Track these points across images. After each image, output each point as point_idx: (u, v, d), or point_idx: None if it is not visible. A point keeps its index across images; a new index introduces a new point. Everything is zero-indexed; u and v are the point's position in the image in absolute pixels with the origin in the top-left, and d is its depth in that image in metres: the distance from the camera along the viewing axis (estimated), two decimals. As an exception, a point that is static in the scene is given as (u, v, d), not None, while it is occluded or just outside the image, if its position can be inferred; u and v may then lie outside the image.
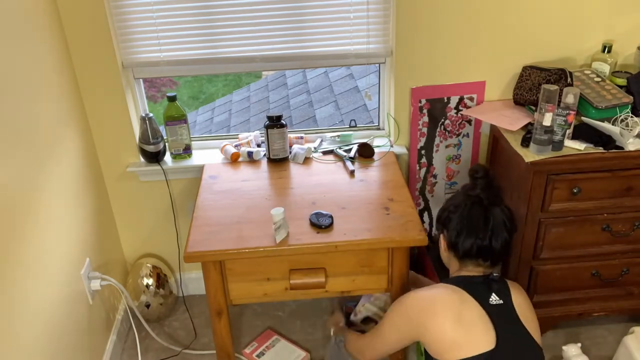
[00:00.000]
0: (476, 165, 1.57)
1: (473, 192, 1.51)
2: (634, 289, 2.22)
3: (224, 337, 1.89)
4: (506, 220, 1.47)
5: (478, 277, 1.49)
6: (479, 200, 1.49)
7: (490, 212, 1.47)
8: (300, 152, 2.20)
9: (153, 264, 2.44)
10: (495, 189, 1.51)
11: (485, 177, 1.51)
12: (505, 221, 1.47)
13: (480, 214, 1.47)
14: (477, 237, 1.47)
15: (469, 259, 1.51)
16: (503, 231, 1.47)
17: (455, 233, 1.50)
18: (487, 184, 1.51)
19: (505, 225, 1.47)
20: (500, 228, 1.46)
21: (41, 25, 1.86)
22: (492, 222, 1.46)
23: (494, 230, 1.46)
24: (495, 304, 1.42)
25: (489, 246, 1.47)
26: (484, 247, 1.47)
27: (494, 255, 1.48)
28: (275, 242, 1.73)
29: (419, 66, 2.19)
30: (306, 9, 2.08)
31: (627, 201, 2.01)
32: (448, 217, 1.53)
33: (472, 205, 1.49)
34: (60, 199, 1.90)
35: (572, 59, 2.22)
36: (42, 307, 1.72)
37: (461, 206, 1.50)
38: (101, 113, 2.19)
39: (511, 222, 1.49)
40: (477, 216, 1.47)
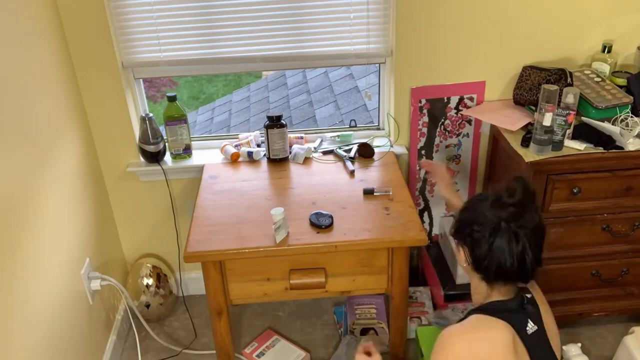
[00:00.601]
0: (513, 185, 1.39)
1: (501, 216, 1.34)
2: (634, 289, 2.22)
3: (224, 337, 1.89)
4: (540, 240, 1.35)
5: (512, 301, 1.37)
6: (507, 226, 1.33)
7: (523, 234, 1.32)
8: (300, 152, 2.20)
9: (153, 264, 2.44)
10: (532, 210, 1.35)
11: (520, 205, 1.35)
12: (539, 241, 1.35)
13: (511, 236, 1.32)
14: (507, 260, 1.33)
15: (497, 281, 1.37)
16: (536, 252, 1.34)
17: (482, 256, 1.35)
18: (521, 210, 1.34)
19: (539, 245, 1.34)
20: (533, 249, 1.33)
21: (41, 25, 1.86)
22: (522, 244, 1.32)
23: (526, 253, 1.32)
24: (532, 333, 1.34)
25: (520, 269, 1.33)
26: (514, 271, 1.34)
27: (523, 276, 1.36)
28: (275, 242, 1.73)
29: (419, 66, 2.19)
30: (306, 9, 2.07)
31: (627, 201, 2.01)
32: (472, 235, 1.37)
33: (501, 229, 1.33)
34: (60, 198, 1.90)
35: (572, 59, 2.22)
36: (42, 307, 1.72)
37: (487, 226, 1.34)
38: (101, 113, 2.19)
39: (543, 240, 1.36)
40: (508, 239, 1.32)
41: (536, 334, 1.34)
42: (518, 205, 1.35)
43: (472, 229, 1.37)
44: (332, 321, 2.46)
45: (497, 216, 1.34)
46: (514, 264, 1.33)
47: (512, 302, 1.37)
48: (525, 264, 1.33)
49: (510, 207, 1.34)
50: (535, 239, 1.34)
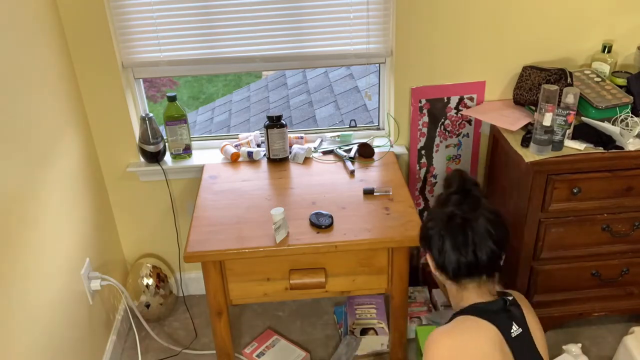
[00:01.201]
0: (450, 175, 1.44)
1: (446, 208, 1.38)
2: (634, 289, 2.22)
3: (224, 337, 1.89)
4: (491, 229, 1.34)
5: (494, 303, 1.37)
6: (453, 216, 1.36)
7: (469, 224, 1.34)
8: (300, 152, 2.20)
9: (153, 264, 2.44)
10: (473, 198, 1.38)
11: (459, 191, 1.39)
12: (490, 230, 1.34)
13: (457, 229, 1.34)
14: (460, 254, 1.34)
15: (461, 278, 1.38)
16: (487, 241, 1.33)
17: (438, 252, 1.38)
18: (463, 196, 1.38)
19: (491, 234, 1.34)
20: (484, 239, 1.33)
21: (41, 25, 1.86)
22: (471, 235, 1.33)
23: (477, 243, 1.33)
24: (516, 335, 1.32)
25: (475, 261, 1.34)
26: (470, 263, 1.34)
27: (483, 268, 1.36)
28: (275, 242, 1.73)
29: (419, 66, 2.19)
30: (306, 9, 2.07)
31: (627, 201, 2.01)
32: (428, 234, 1.40)
33: (448, 220, 1.36)
34: (60, 198, 1.90)
35: (572, 59, 2.22)
36: (42, 307, 1.72)
37: (438, 222, 1.38)
38: (101, 113, 2.19)
39: (498, 227, 1.36)
40: (455, 232, 1.34)
41: (521, 337, 1.34)
42: (457, 193, 1.39)
43: (427, 230, 1.40)
44: (332, 321, 2.46)
45: (442, 211, 1.38)
46: (467, 256, 1.34)
47: (494, 304, 1.36)
48: (477, 256, 1.33)
49: (451, 198, 1.39)
50: (489, 228, 1.34)
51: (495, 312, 1.35)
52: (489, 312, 1.34)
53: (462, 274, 1.37)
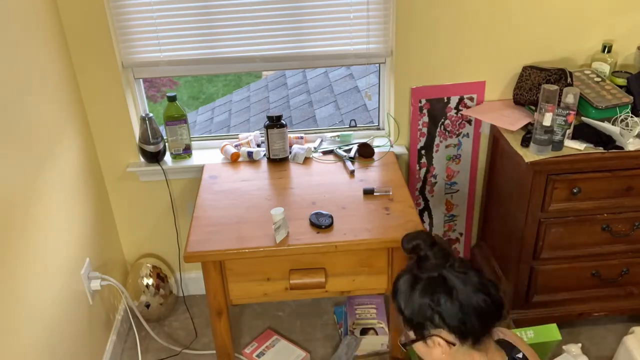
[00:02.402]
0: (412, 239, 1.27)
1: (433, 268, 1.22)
2: (634, 289, 2.22)
3: (224, 337, 1.89)
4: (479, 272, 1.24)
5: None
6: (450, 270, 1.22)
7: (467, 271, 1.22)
8: (300, 152, 2.20)
9: (153, 264, 2.44)
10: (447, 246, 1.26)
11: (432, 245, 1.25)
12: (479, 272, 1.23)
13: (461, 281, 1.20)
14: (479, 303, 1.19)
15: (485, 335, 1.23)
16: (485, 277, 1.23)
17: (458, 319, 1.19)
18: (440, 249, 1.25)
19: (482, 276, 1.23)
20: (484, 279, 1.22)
21: (41, 25, 1.86)
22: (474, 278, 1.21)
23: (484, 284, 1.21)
24: None
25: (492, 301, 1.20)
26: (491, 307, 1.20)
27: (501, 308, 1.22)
28: (275, 242, 1.73)
29: (419, 66, 2.19)
30: (306, 9, 2.07)
31: (627, 201, 2.01)
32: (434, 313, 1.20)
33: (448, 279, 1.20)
34: (60, 199, 1.90)
35: (572, 59, 2.22)
36: (42, 307, 1.72)
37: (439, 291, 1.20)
38: (101, 113, 2.19)
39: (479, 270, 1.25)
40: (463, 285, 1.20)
41: None
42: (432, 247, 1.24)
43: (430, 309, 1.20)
44: (332, 321, 2.46)
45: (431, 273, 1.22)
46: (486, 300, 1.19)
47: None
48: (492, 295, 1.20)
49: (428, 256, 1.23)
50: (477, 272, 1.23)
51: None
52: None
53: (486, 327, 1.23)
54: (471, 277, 1.21)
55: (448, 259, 1.23)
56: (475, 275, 1.22)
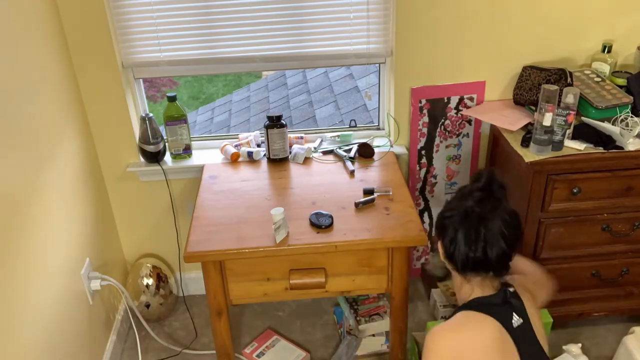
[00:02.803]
0: (480, 172, 1.45)
1: (467, 202, 1.40)
2: (634, 289, 2.22)
3: (224, 337, 1.89)
4: (505, 230, 1.35)
5: (496, 296, 1.39)
6: (471, 211, 1.38)
7: (485, 223, 1.36)
8: (300, 152, 2.20)
9: (153, 264, 2.44)
10: (495, 199, 1.40)
11: (484, 189, 1.41)
12: (503, 231, 1.35)
13: (472, 225, 1.36)
14: (470, 249, 1.36)
15: (467, 272, 1.40)
16: (499, 241, 1.35)
17: (449, 243, 1.40)
18: (487, 195, 1.40)
19: (504, 235, 1.35)
20: (496, 239, 1.35)
21: (41, 25, 1.86)
22: (484, 233, 1.35)
23: (488, 242, 1.35)
24: (517, 326, 1.35)
25: (484, 258, 1.36)
26: (479, 259, 1.36)
27: (492, 266, 1.37)
28: (275, 242, 1.73)
29: (419, 66, 2.19)
30: (306, 9, 2.07)
31: (627, 201, 2.01)
32: (443, 224, 1.43)
33: (466, 214, 1.38)
34: (60, 199, 1.90)
35: (572, 59, 2.22)
36: (42, 307, 1.72)
37: (455, 215, 1.40)
38: (101, 113, 2.19)
39: (513, 229, 1.37)
40: (469, 227, 1.37)
41: (522, 327, 1.36)
42: (482, 190, 1.40)
43: (444, 220, 1.43)
44: (332, 321, 2.46)
45: (462, 204, 1.40)
46: (477, 252, 1.35)
47: (495, 297, 1.39)
48: (487, 254, 1.35)
49: (474, 194, 1.40)
50: (504, 228, 1.35)
51: (496, 305, 1.37)
52: (489, 306, 1.37)
53: (468, 268, 1.39)
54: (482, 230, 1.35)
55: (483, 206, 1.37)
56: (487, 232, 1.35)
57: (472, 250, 1.36)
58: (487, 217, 1.36)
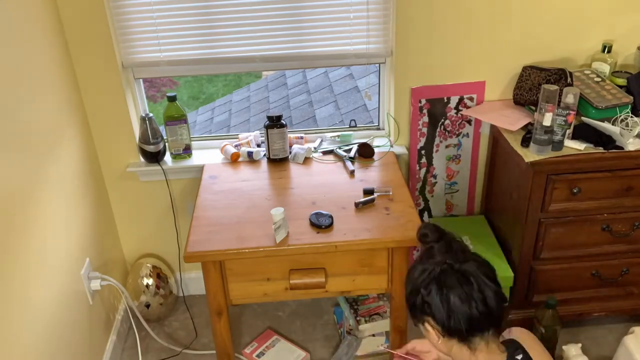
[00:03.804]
0: (424, 228, 1.34)
1: (435, 262, 1.27)
2: (634, 289, 2.22)
3: (224, 337, 1.89)
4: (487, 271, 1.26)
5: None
6: (448, 268, 1.25)
7: (466, 273, 1.24)
8: (300, 152, 2.20)
9: (153, 264, 2.44)
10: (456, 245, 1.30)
11: (439, 239, 1.30)
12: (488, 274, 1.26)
13: (457, 281, 1.23)
14: (470, 307, 1.22)
15: (473, 336, 1.26)
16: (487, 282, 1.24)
17: (445, 316, 1.24)
18: (446, 244, 1.29)
19: (488, 277, 1.25)
20: (484, 281, 1.24)
21: (41, 25, 1.86)
22: (473, 281, 1.23)
23: (483, 291, 1.23)
24: None
25: (486, 310, 1.23)
26: (483, 314, 1.23)
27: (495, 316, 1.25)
28: (275, 242, 1.73)
29: (419, 66, 2.19)
30: (306, 9, 2.07)
31: (627, 201, 2.01)
32: (424, 301, 1.26)
33: (443, 274, 1.24)
34: (60, 199, 1.90)
35: (572, 59, 2.22)
36: (42, 307, 1.72)
37: (432, 283, 1.25)
38: (101, 113, 2.19)
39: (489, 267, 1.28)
40: (457, 285, 1.23)
41: None
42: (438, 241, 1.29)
43: (421, 295, 1.27)
44: (332, 321, 2.46)
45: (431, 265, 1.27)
46: (479, 307, 1.22)
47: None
48: (488, 304, 1.23)
49: (434, 248, 1.28)
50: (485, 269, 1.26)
51: None
52: None
53: (474, 331, 1.25)
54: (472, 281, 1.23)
55: (452, 256, 1.26)
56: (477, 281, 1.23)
57: (474, 307, 1.22)
58: (463, 265, 1.25)
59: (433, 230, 1.32)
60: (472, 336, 1.26)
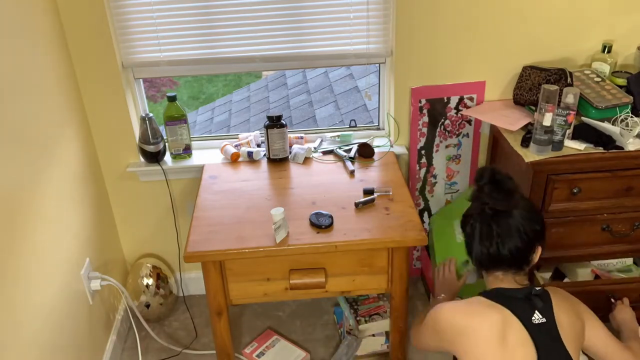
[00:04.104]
0: (481, 169, 1.51)
1: (477, 200, 1.47)
2: (634, 289, 2.22)
3: (224, 337, 1.89)
4: (521, 225, 1.40)
5: (519, 291, 1.42)
6: (484, 206, 1.44)
7: (498, 218, 1.41)
8: (300, 152, 2.20)
9: (153, 264, 2.44)
10: (504, 192, 1.44)
11: (489, 183, 1.46)
12: (519, 226, 1.40)
13: (485, 221, 1.43)
14: (483, 246, 1.43)
15: (488, 268, 1.47)
16: (513, 236, 1.40)
17: (467, 240, 1.49)
18: (493, 189, 1.45)
19: (519, 230, 1.40)
20: (510, 234, 1.40)
21: (41, 25, 1.86)
22: (496, 228, 1.41)
23: (502, 237, 1.40)
24: (538, 323, 1.37)
25: (497, 254, 1.42)
26: (493, 255, 1.42)
27: (507, 262, 1.43)
28: (275, 242, 1.73)
29: (419, 66, 2.19)
30: (306, 9, 2.07)
31: (627, 201, 2.01)
32: (464, 222, 1.50)
33: (481, 211, 1.44)
34: (60, 199, 1.90)
35: (572, 59, 2.22)
36: (42, 306, 1.72)
37: (471, 214, 1.48)
38: (101, 113, 2.19)
39: (530, 223, 1.41)
40: (483, 224, 1.43)
41: (544, 326, 1.37)
42: (490, 183, 1.45)
43: (464, 216, 1.50)
44: (332, 321, 2.46)
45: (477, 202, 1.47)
46: (491, 248, 1.41)
47: (518, 291, 1.41)
48: (500, 250, 1.40)
49: (484, 189, 1.45)
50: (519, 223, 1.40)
51: (515, 298, 1.39)
52: (506, 298, 1.40)
53: (485, 264, 1.46)
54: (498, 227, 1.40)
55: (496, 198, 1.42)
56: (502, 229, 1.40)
57: (485, 247, 1.42)
58: (501, 210, 1.41)
59: (489, 173, 1.47)
60: (481, 267, 1.47)
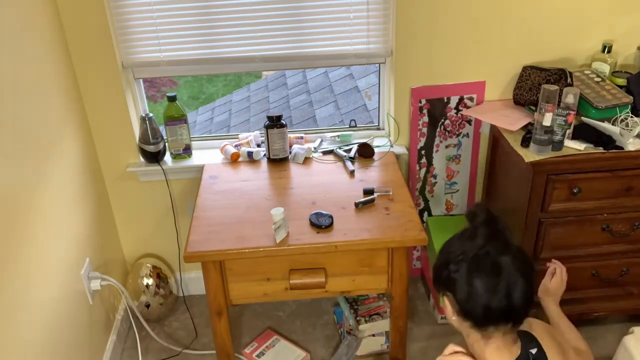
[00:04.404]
0: (475, 207, 1.30)
1: (475, 244, 1.23)
2: (633, 289, 2.22)
3: (224, 337, 1.89)
4: (522, 269, 1.21)
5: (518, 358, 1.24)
6: (484, 254, 1.21)
7: (499, 264, 1.19)
8: (300, 152, 2.20)
9: (153, 264, 2.44)
10: (501, 233, 1.24)
11: (488, 223, 1.25)
12: (521, 270, 1.20)
13: (487, 269, 1.19)
14: (491, 299, 1.19)
15: (488, 326, 1.23)
16: (519, 280, 1.20)
17: (465, 298, 1.21)
18: (493, 230, 1.24)
19: (520, 272, 1.20)
20: (516, 278, 1.19)
21: (41, 25, 1.86)
22: (503, 275, 1.19)
23: (510, 284, 1.19)
24: None
25: (508, 307, 1.19)
26: (502, 309, 1.19)
27: (516, 314, 1.22)
28: (275, 242, 1.73)
29: (419, 66, 2.19)
30: (306, 9, 2.07)
31: (627, 201, 2.01)
32: (450, 277, 1.23)
33: (477, 259, 1.21)
34: (60, 199, 1.90)
35: (572, 59, 2.22)
36: (42, 307, 1.72)
37: (463, 262, 1.22)
38: (101, 113, 2.19)
39: (527, 266, 1.22)
40: (485, 273, 1.19)
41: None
42: (485, 225, 1.24)
43: (449, 269, 1.23)
44: (332, 321, 2.46)
45: (468, 247, 1.23)
46: (500, 301, 1.19)
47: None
48: (511, 301, 1.19)
49: (479, 230, 1.24)
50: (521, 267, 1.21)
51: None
52: None
53: (490, 322, 1.23)
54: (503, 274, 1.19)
55: (494, 244, 1.22)
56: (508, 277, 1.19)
57: (495, 299, 1.18)
58: (501, 256, 1.20)
59: (484, 213, 1.27)
60: (486, 325, 1.23)
